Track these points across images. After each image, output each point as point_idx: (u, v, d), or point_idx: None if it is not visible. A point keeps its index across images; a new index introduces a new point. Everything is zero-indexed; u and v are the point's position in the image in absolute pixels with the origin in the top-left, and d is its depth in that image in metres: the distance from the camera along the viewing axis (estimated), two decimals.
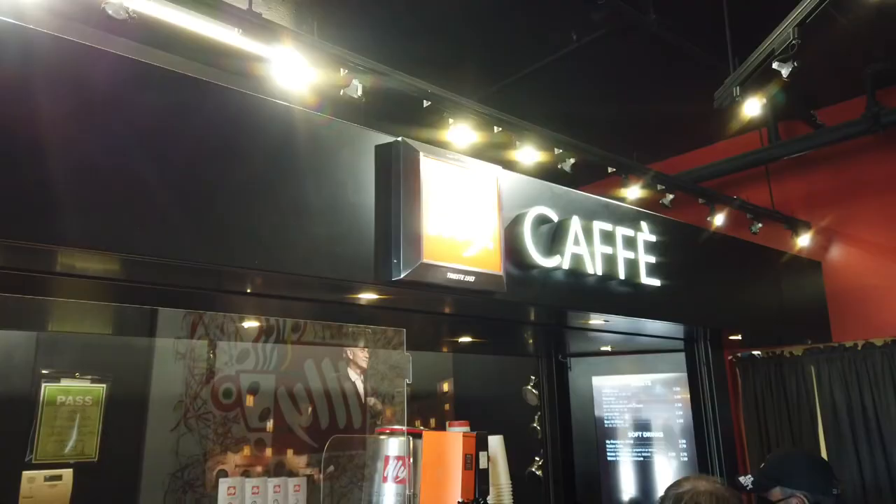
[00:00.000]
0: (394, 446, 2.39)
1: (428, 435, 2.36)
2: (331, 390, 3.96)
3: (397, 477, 2.35)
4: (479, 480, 2.27)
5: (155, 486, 3.20)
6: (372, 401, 4.17)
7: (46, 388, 3.10)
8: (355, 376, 4.14)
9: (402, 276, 1.94)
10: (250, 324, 3.50)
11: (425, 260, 1.97)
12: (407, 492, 2.27)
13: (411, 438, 2.32)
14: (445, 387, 4.59)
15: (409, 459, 2.27)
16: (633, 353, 3.89)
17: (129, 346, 3.32)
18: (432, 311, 2.50)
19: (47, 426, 3.08)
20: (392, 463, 2.37)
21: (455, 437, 2.27)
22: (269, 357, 3.79)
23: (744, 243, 3.68)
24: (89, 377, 3.20)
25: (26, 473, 2.96)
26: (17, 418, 2.98)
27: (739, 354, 4.46)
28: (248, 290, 2.03)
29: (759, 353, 4.42)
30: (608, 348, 3.84)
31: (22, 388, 3.00)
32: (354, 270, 1.90)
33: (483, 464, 2.31)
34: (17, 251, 1.49)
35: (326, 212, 1.87)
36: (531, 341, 3.73)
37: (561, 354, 3.92)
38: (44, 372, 3.09)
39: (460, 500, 2.19)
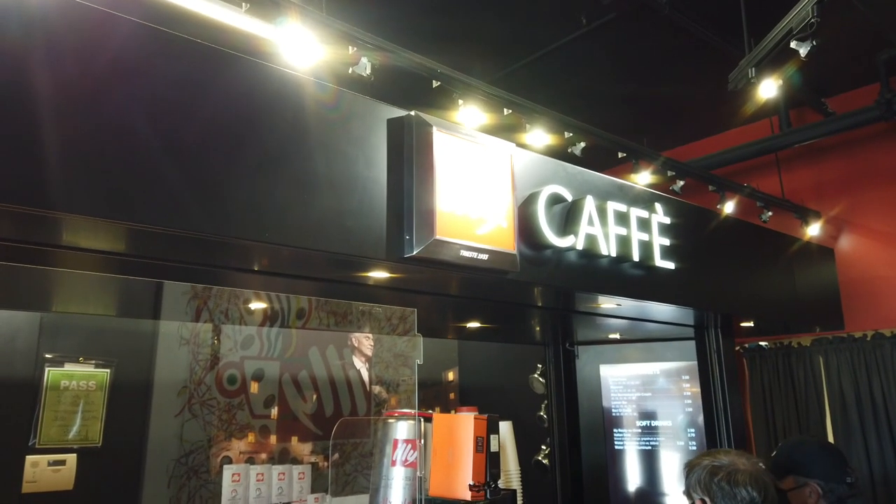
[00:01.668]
0: (403, 429, 2.34)
1: (439, 417, 2.32)
2: (335, 378, 3.93)
3: (406, 460, 2.31)
4: (490, 463, 2.23)
5: (159, 471, 3.17)
6: (377, 389, 4.14)
7: (50, 373, 3.07)
8: (360, 364, 4.11)
9: (414, 252, 1.90)
10: (256, 305, 3.47)
11: (438, 236, 1.93)
12: (417, 475, 2.23)
13: (422, 421, 2.28)
14: (451, 375, 4.56)
15: (421, 441, 2.23)
16: (641, 341, 3.85)
17: (134, 332, 3.29)
18: (442, 292, 2.46)
19: (51, 411, 3.05)
20: (401, 446, 2.33)
21: (466, 420, 2.23)
22: (274, 344, 3.75)
23: (758, 229, 3.64)
24: (93, 362, 3.17)
25: (30, 458, 2.94)
26: (21, 403, 2.95)
27: (747, 345, 4.43)
28: (257, 267, 1.99)
29: (766, 343, 4.39)
30: (616, 336, 3.81)
31: (25, 373, 2.97)
32: (366, 246, 1.86)
33: (494, 447, 2.28)
34: (22, 219, 1.45)
35: (337, 186, 1.82)
36: (539, 328, 3.69)
37: (568, 342, 3.88)
38: (47, 356, 3.06)
39: (471, 482, 2.15)
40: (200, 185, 1.59)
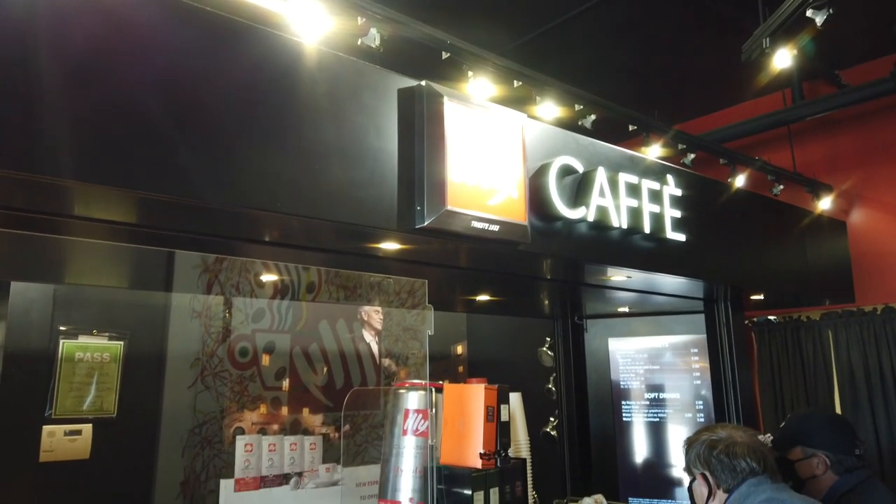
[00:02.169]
0: (413, 400, 2.37)
1: (449, 387, 2.34)
2: (345, 351, 3.97)
3: (417, 430, 2.34)
4: (500, 433, 2.26)
5: (173, 441, 3.22)
6: (387, 362, 4.18)
7: (64, 345, 3.11)
8: (370, 337, 4.14)
9: (425, 223, 1.91)
10: (267, 277, 3.49)
11: (449, 207, 1.93)
12: (428, 443, 2.26)
13: (433, 391, 2.30)
14: (459, 349, 4.59)
15: (432, 411, 2.26)
16: (650, 314, 3.86)
17: (146, 305, 3.32)
18: (452, 264, 2.47)
19: (66, 382, 3.10)
20: (412, 416, 2.36)
21: (477, 390, 2.25)
22: (285, 317, 3.78)
23: (769, 201, 3.62)
24: (107, 334, 3.21)
25: (46, 428, 2.99)
26: (37, 374, 2.99)
27: (756, 319, 4.43)
28: (268, 237, 2.00)
29: (775, 317, 4.39)
30: (625, 309, 3.81)
31: (40, 345, 3.01)
32: (377, 217, 1.86)
33: (505, 417, 2.30)
34: (34, 188, 1.46)
35: (348, 156, 1.82)
36: (547, 302, 3.70)
37: (577, 316, 3.89)
38: (61, 328, 3.10)
39: (482, 451, 2.18)
40: (212, 154, 1.60)
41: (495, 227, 2.05)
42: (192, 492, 3.21)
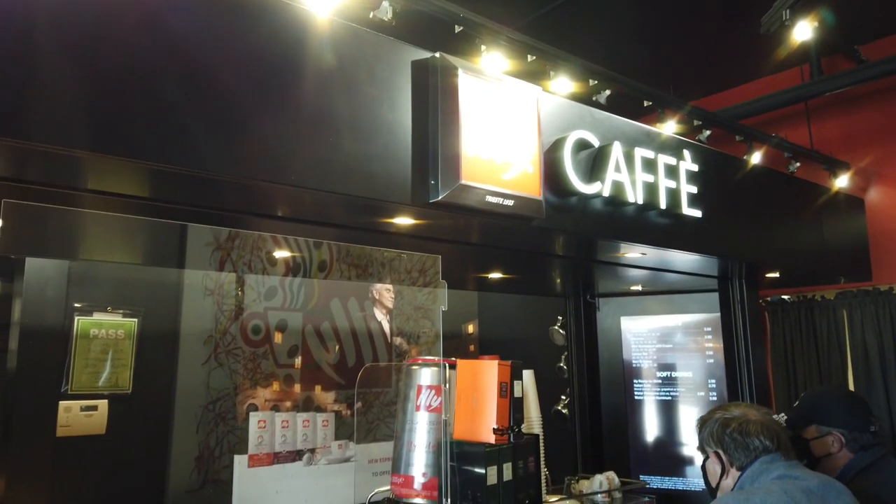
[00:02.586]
0: (426, 376, 2.37)
1: (463, 363, 2.34)
2: (357, 329, 3.98)
3: (430, 406, 2.34)
4: (513, 409, 2.26)
5: (188, 417, 3.25)
6: (398, 340, 4.19)
7: (80, 322, 3.13)
8: (381, 316, 4.15)
9: (439, 197, 1.89)
10: (280, 253, 3.50)
11: (464, 181, 1.91)
12: (441, 419, 2.26)
13: (447, 367, 2.30)
14: (470, 328, 4.59)
15: (446, 386, 2.26)
16: (663, 293, 3.84)
17: (159, 282, 3.33)
18: (465, 240, 2.45)
19: (81, 358, 3.12)
20: (425, 392, 2.36)
21: (490, 366, 2.25)
22: (297, 295, 3.79)
23: (787, 178, 3.57)
24: (121, 311, 3.23)
25: (63, 403, 3.02)
26: (53, 350, 3.02)
27: (769, 298, 4.40)
28: (281, 212, 1.99)
29: (789, 296, 4.35)
30: (638, 288, 3.79)
31: (55, 321, 3.04)
32: (391, 191, 1.84)
33: (518, 393, 2.30)
34: (48, 159, 1.45)
35: (362, 129, 1.80)
36: (560, 280, 3.69)
37: (589, 294, 3.87)
38: (76, 305, 3.12)
39: (495, 426, 2.18)
40: (223, 126, 1.58)
41: (510, 202, 2.02)
42: (206, 467, 3.24)
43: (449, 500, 2.12)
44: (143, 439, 3.13)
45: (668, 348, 3.78)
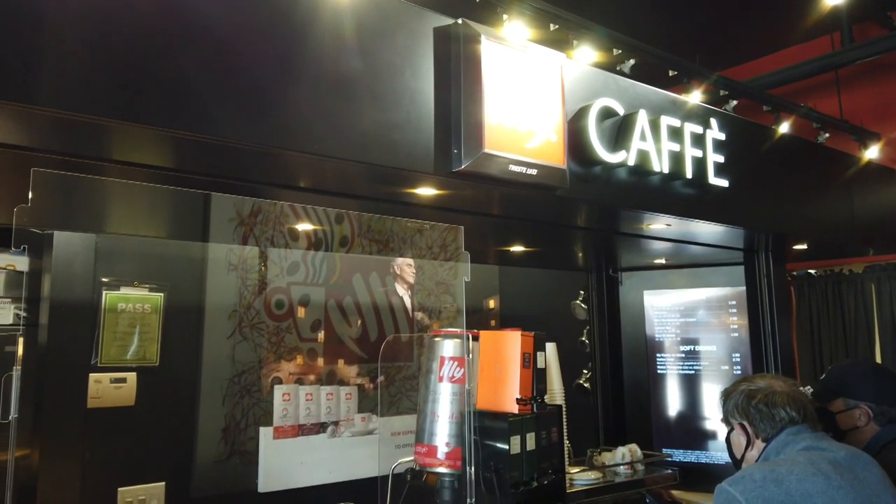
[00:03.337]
0: (449, 347, 2.37)
1: (486, 334, 2.34)
2: (379, 304, 4.00)
3: (452, 377, 2.35)
4: (536, 379, 2.26)
5: (214, 389, 3.30)
6: (419, 315, 4.20)
7: (107, 296, 3.18)
8: (402, 291, 4.16)
9: (462, 166, 1.87)
10: (303, 226, 3.52)
11: (487, 150, 1.89)
12: (465, 389, 2.27)
13: (470, 338, 2.30)
14: (492, 303, 4.59)
15: (469, 357, 2.26)
16: (687, 266, 3.79)
17: (184, 257, 3.37)
18: (487, 212, 2.44)
19: (110, 332, 3.17)
20: (448, 363, 2.37)
21: (513, 337, 2.24)
22: (319, 270, 3.81)
23: (816, 147, 3.49)
24: (147, 286, 3.27)
25: (93, 375, 3.08)
26: (82, 323, 3.07)
27: (795, 272, 4.34)
28: (303, 183, 1.99)
29: (815, 270, 4.29)
30: (662, 261, 3.75)
31: (84, 296, 3.08)
32: (414, 160, 1.83)
33: (541, 364, 2.30)
34: (75, 127, 1.46)
35: (383, 97, 1.79)
36: (582, 254, 3.66)
37: (612, 268, 3.84)
38: (104, 280, 3.16)
39: (518, 396, 2.18)
40: (245, 95, 1.58)
41: (533, 171, 2.00)
42: (232, 438, 3.30)
43: (472, 469, 2.14)
44: (171, 411, 3.19)
45: (692, 322, 3.75)
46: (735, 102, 3.40)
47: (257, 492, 3.24)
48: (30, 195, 1.62)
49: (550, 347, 2.86)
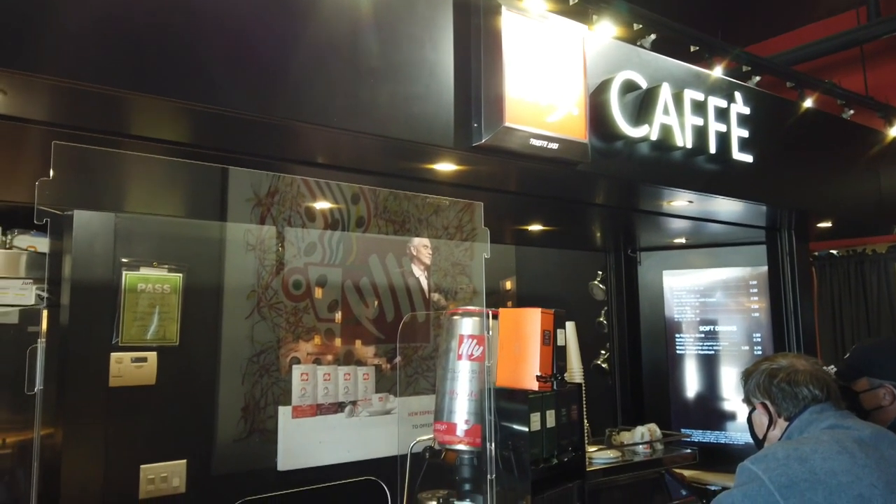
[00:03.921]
0: (468, 325, 2.36)
1: (505, 312, 2.32)
2: (395, 285, 3.99)
3: (472, 355, 2.34)
4: (556, 356, 2.24)
5: (233, 369, 3.32)
6: (436, 296, 4.19)
7: (127, 276, 3.20)
8: (419, 272, 4.15)
9: (482, 140, 1.85)
10: (320, 204, 3.51)
11: (507, 123, 1.86)
12: (484, 366, 2.26)
13: (489, 316, 2.29)
14: (508, 285, 4.57)
15: (489, 334, 2.25)
16: (707, 246, 3.75)
17: (202, 238, 3.37)
18: (506, 188, 2.41)
19: (130, 312, 3.20)
20: (467, 342, 2.36)
21: (533, 314, 2.23)
22: (336, 251, 3.81)
23: (843, 123, 3.41)
24: (166, 266, 3.29)
25: (114, 355, 3.11)
26: (103, 303, 3.10)
27: (816, 253, 4.27)
28: (321, 158, 1.98)
29: (837, 251, 4.22)
30: (681, 241, 3.71)
31: (104, 276, 3.11)
32: (433, 133, 1.81)
33: (561, 341, 2.28)
34: (95, 100, 1.46)
35: (402, 70, 1.76)
36: (600, 234, 3.62)
37: (630, 249, 3.81)
38: (123, 260, 3.18)
39: (538, 373, 2.17)
40: (261, 67, 1.56)
41: (554, 146, 1.97)
42: (252, 417, 3.32)
43: (492, 446, 2.14)
44: (191, 390, 3.22)
45: (712, 302, 3.71)
46: (758, 78, 3.33)
47: (277, 470, 3.27)
48: (51, 170, 1.62)
49: (570, 326, 2.85)
